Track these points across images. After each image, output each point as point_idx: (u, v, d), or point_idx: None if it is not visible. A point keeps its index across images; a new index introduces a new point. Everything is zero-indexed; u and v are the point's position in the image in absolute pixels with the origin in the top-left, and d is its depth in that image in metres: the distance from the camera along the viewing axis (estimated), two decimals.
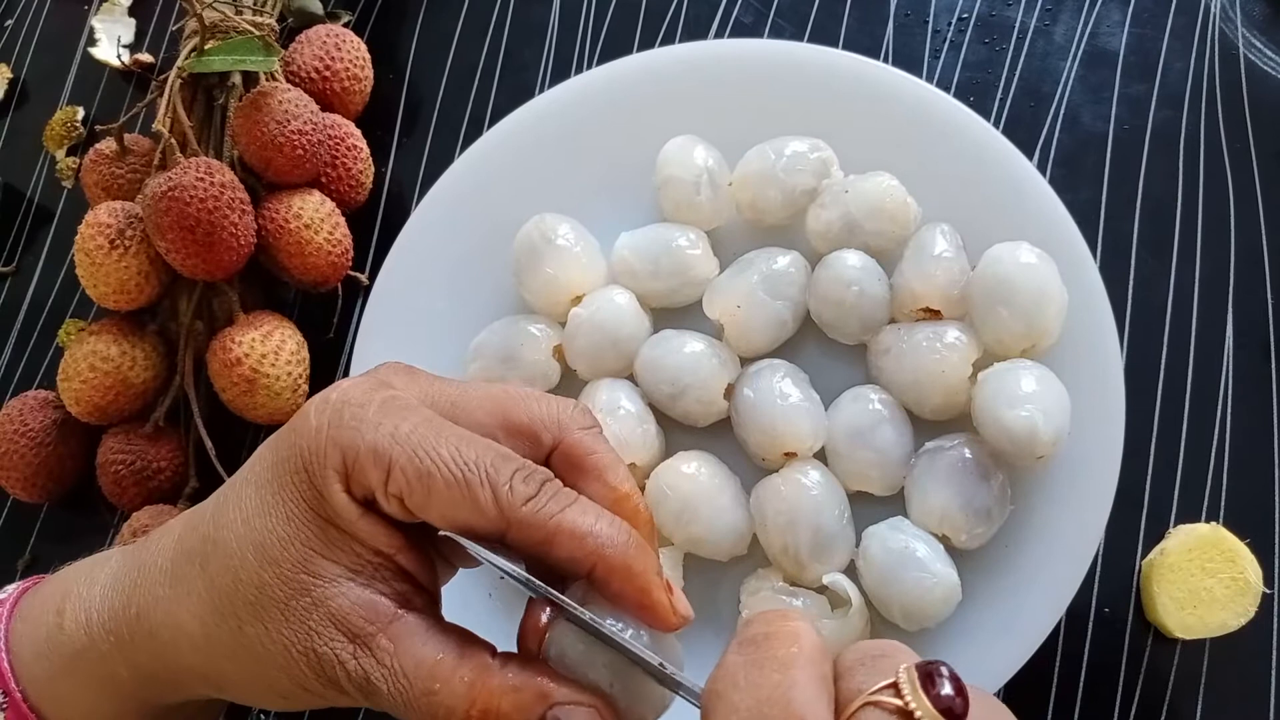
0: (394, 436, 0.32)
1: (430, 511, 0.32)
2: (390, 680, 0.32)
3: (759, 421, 0.45)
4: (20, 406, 0.51)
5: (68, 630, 0.36)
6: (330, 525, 0.33)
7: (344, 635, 0.32)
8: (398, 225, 0.51)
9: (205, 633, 0.33)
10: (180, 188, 0.46)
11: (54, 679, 0.36)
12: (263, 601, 0.32)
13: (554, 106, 0.52)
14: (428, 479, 0.32)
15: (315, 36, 0.54)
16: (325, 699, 0.33)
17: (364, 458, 0.32)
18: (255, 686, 0.34)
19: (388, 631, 0.32)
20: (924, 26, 0.56)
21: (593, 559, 0.32)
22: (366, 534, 0.33)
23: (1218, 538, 0.46)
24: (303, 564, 0.32)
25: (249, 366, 0.48)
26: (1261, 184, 0.52)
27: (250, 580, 0.33)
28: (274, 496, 0.33)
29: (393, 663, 0.32)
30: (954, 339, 0.45)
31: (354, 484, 0.33)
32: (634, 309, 0.48)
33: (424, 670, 0.32)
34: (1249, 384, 0.50)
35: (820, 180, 0.48)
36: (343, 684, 0.32)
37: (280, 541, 0.33)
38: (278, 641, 0.32)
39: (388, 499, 0.32)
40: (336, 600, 0.32)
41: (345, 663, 0.32)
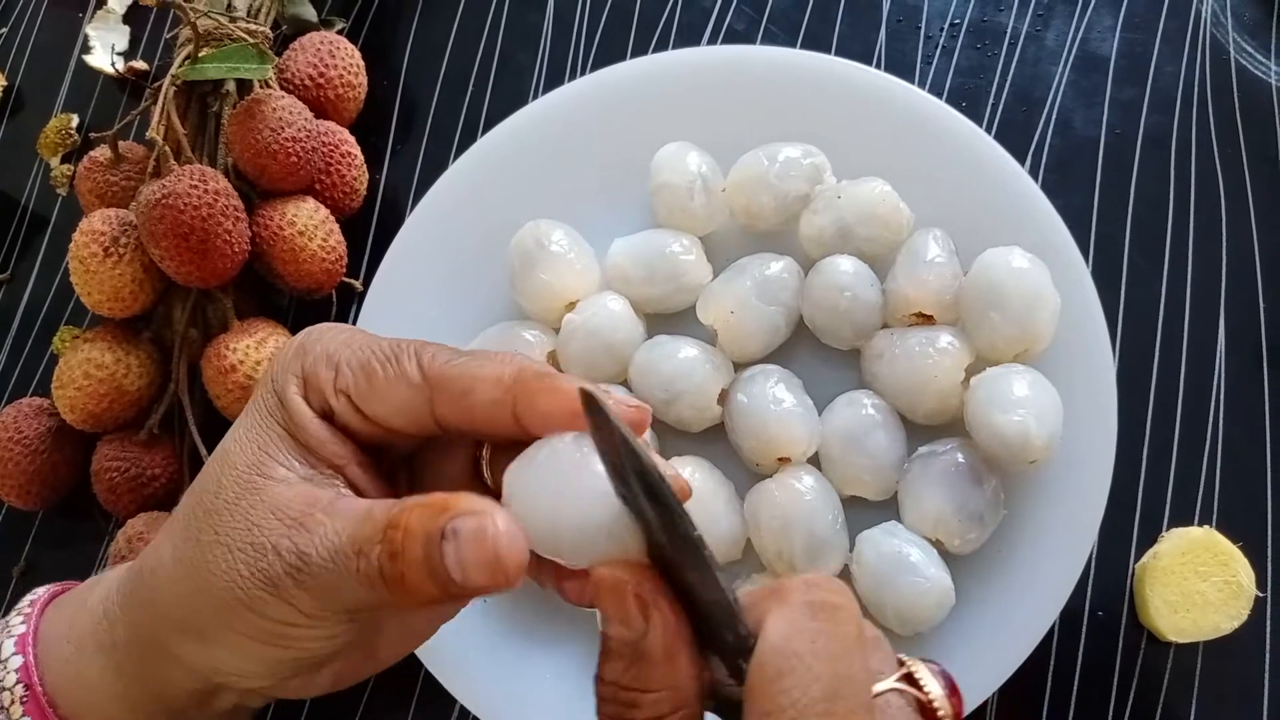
0: (347, 343, 0.35)
1: (372, 399, 0.34)
2: (322, 540, 0.31)
3: (753, 427, 0.45)
4: (15, 414, 0.51)
5: (90, 606, 0.37)
6: (288, 433, 0.34)
7: (281, 521, 0.32)
8: (392, 231, 0.51)
9: (176, 557, 0.34)
10: (174, 195, 0.47)
11: (70, 658, 0.37)
12: (217, 506, 0.33)
13: (548, 113, 0.52)
14: (367, 367, 0.34)
15: (309, 44, 0.54)
16: (263, 617, 0.32)
17: (318, 359, 0.34)
18: (207, 614, 0.33)
19: (325, 509, 0.32)
20: (916, 32, 0.56)
21: (513, 391, 0.32)
22: (317, 439, 0.34)
23: (1211, 541, 0.46)
24: (256, 466, 0.33)
25: (243, 373, 0.48)
26: (1253, 188, 0.52)
27: (211, 488, 0.34)
28: (247, 412, 0.35)
29: (325, 528, 0.31)
30: (947, 344, 0.45)
31: (310, 390, 0.34)
32: (628, 315, 0.48)
33: (355, 517, 0.32)
34: (1241, 387, 0.50)
35: (813, 186, 0.48)
36: (273, 572, 0.31)
37: (240, 447, 0.34)
38: (223, 541, 0.32)
39: (337, 396, 0.34)
40: (281, 492, 0.33)
41: (278, 544, 0.32)
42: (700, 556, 0.28)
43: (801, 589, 0.29)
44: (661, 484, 0.28)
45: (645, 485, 0.28)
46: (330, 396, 0.34)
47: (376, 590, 0.31)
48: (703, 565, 0.28)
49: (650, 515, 0.28)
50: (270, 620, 0.32)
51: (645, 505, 0.28)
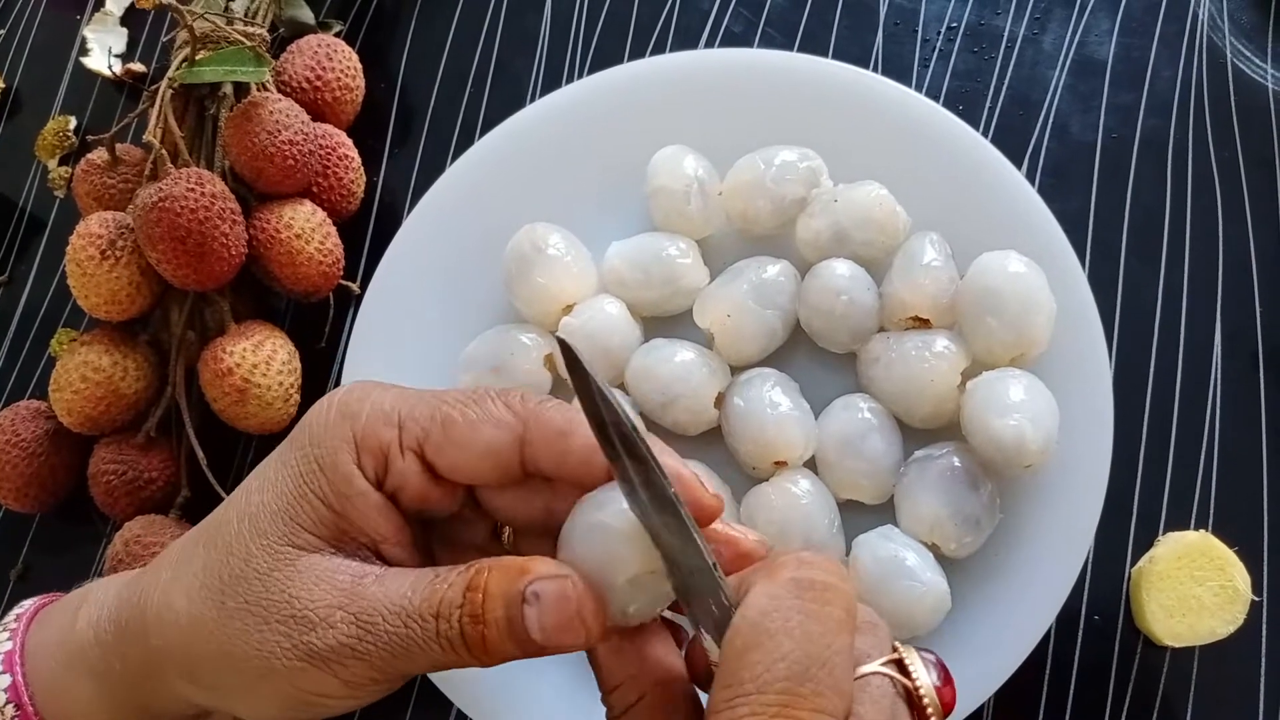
0: (401, 397, 0.34)
1: (448, 450, 0.33)
2: (385, 606, 0.31)
3: (749, 430, 0.46)
4: (12, 417, 0.51)
5: (79, 629, 0.37)
6: (324, 504, 0.33)
7: (328, 591, 0.31)
8: (389, 234, 0.51)
9: (190, 610, 0.33)
10: (171, 198, 0.47)
11: (58, 677, 0.36)
12: (247, 574, 0.32)
13: (545, 116, 0.52)
14: (442, 415, 0.33)
15: (307, 46, 0.54)
16: (298, 688, 0.32)
17: (374, 419, 0.33)
18: (227, 676, 0.33)
19: (379, 578, 0.32)
20: (913, 36, 0.56)
21: None
22: (362, 511, 0.33)
23: (1207, 545, 0.46)
24: (289, 536, 0.32)
25: (240, 376, 0.48)
26: (1249, 192, 0.52)
27: (240, 553, 0.33)
28: (276, 474, 0.34)
29: (386, 593, 0.31)
30: (943, 348, 0.45)
31: (364, 453, 0.33)
32: (625, 318, 0.48)
33: (423, 582, 0.31)
34: (1237, 391, 0.50)
35: (810, 189, 0.48)
36: (325, 646, 0.31)
37: (271, 515, 0.33)
38: (255, 612, 0.32)
39: (403, 454, 0.33)
40: (321, 564, 0.32)
41: (329, 617, 0.31)
42: (680, 519, 0.29)
43: (793, 565, 0.29)
44: (634, 436, 0.28)
45: (622, 439, 0.29)
46: (395, 456, 0.33)
47: (451, 654, 0.31)
48: (683, 529, 0.29)
49: (633, 476, 0.29)
50: (304, 693, 0.32)
51: (627, 465, 0.29)
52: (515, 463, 0.33)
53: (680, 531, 0.29)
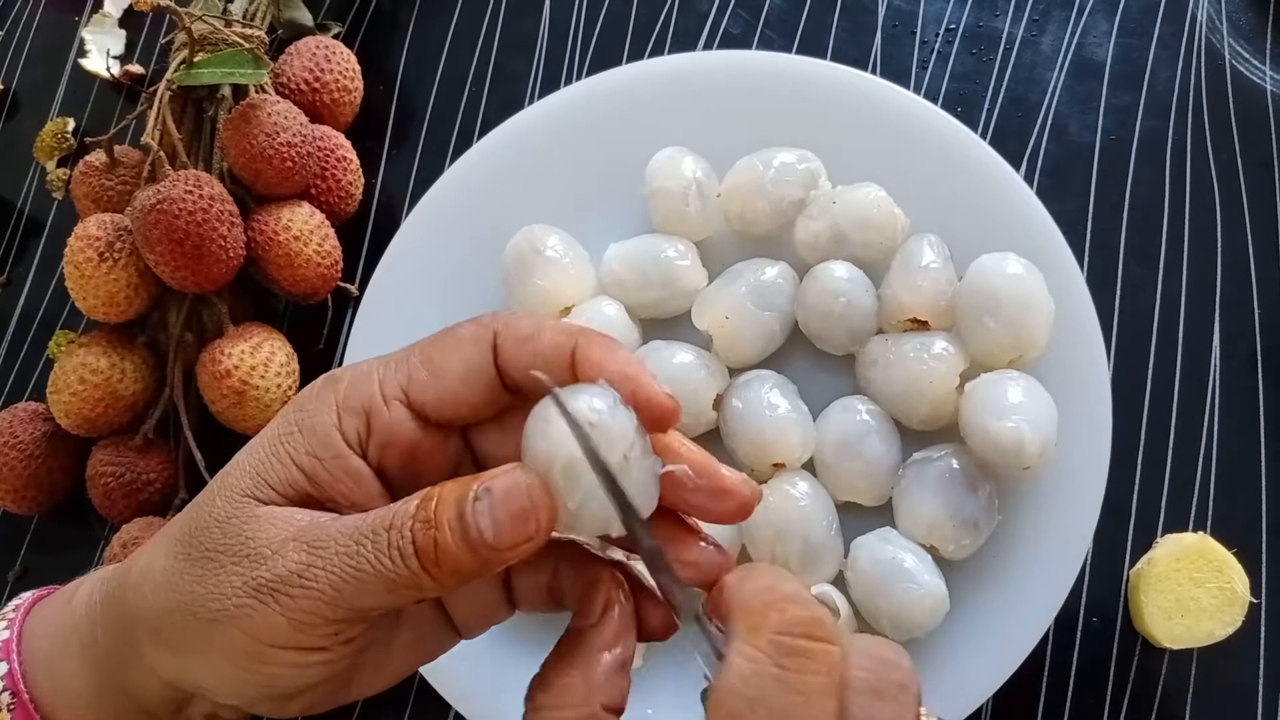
0: (379, 359, 0.35)
1: (431, 384, 0.33)
2: (341, 533, 0.31)
3: (748, 432, 0.45)
4: (10, 419, 0.51)
5: (74, 605, 0.37)
6: (298, 469, 0.33)
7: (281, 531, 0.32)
8: (388, 236, 0.51)
9: (162, 568, 0.34)
10: (169, 200, 0.47)
11: (52, 657, 0.37)
12: (208, 523, 0.33)
13: (543, 118, 0.52)
14: (420, 354, 0.34)
15: (305, 48, 0.54)
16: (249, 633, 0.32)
17: (356, 381, 0.34)
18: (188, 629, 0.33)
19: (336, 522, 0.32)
20: (912, 37, 0.56)
21: (575, 336, 0.33)
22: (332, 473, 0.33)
23: (1205, 547, 0.46)
24: (253, 488, 0.33)
25: (238, 378, 0.48)
26: (1248, 193, 0.52)
27: (205, 505, 0.33)
28: (257, 439, 0.34)
29: (341, 526, 0.31)
30: (941, 350, 0.45)
31: (345, 414, 0.33)
32: (623, 320, 0.48)
33: (379, 512, 0.31)
34: (1236, 394, 0.50)
35: (808, 191, 0.48)
36: (274, 576, 0.31)
37: (241, 471, 0.33)
38: (212, 555, 0.32)
39: (388, 404, 0.33)
40: (279, 511, 0.32)
41: (281, 549, 0.31)
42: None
43: (775, 622, 0.28)
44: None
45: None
46: (379, 409, 0.33)
47: (404, 571, 0.30)
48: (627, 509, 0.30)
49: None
50: (251, 638, 0.32)
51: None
52: (495, 380, 0.33)
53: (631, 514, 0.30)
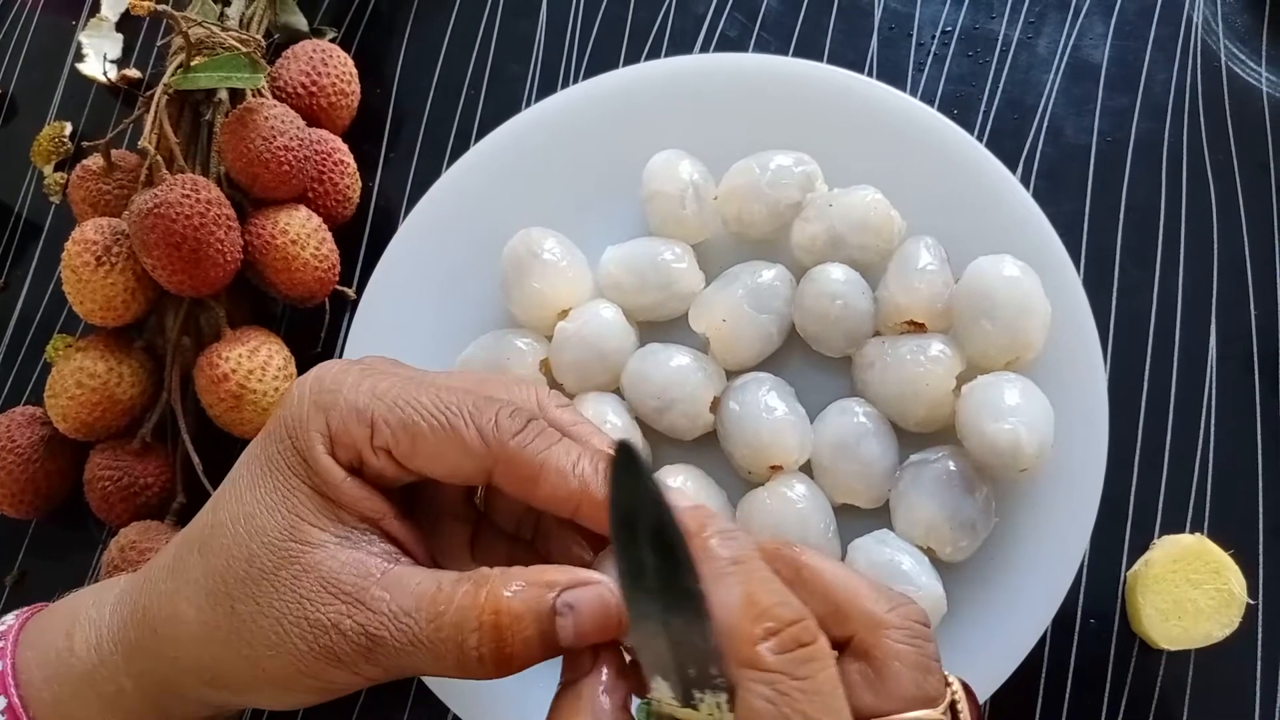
0: (374, 393, 0.33)
1: (418, 459, 0.33)
2: (391, 624, 0.31)
3: (745, 435, 0.46)
4: (8, 422, 0.51)
5: (78, 653, 0.36)
6: (316, 493, 0.33)
7: (335, 597, 0.32)
8: (385, 240, 0.51)
9: (201, 619, 0.33)
10: (166, 204, 0.47)
11: (61, 702, 0.36)
12: (252, 575, 0.32)
13: (540, 121, 0.52)
14: (412, 427, 0.32)
15: (301, 52, 0.54)
16: (323, 682, 0.32)
17: (347, 417, 0.33)
18: (252, 676, 0.33)
19: (380, 583, 0.32)
20: (908, 40, 0.56)
21: (578, 498, 0.32)
22: (351, 497, 0.33)
23: (1202, 549, 0.46)
24: (289, 531, 0.32)
25: (236, 382, 0.48)
26: (1244, 195, 0.52)
27: (241, 554, 0.33)
28: (262, 470, 0.34)
29: (389, 607, 0.31)
30: (938, 352, 0.45)
31: (339, 447, 0.33)
32: (620, 323, 0.48)
33: (425, 600, 0.31)
34: (1232, 395, 0.50)
35: (805, 194, 0.48)
36: (340, 650, 0.31)
37: (267, 510, 0.33)
38: (269, 614, 0.32)
39: (375, 453, 0.33)
40: (326, 563, 0.32)
41: (339, 623, 0.31)
42: (697, 609, 0.28)
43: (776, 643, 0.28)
44: (679, 541, 0.28)
45: (658, 540, 0.28)
46: (368, 455, 0.33)
47: (464, 671, 0.31)
48: (699, 617, 0.28)
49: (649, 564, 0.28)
50: (328, 683, 0.33)
51: (648, 555, 0.28)
52: (483, 479, 0.34)
53: (693, 618, 0.28)
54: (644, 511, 0.28)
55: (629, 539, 0.28)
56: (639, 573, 0.29)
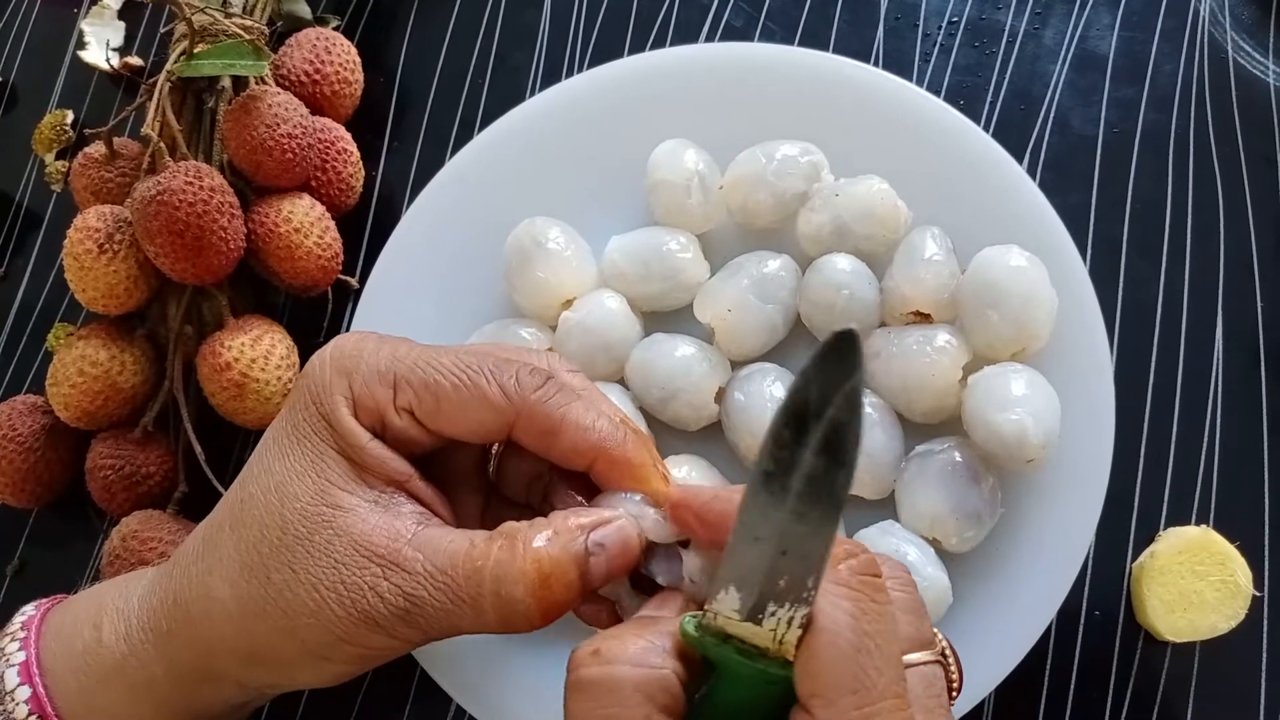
0: (394, 356, 0.34)
1: (441, 418, 0.34)
2: (428, 583, 0.32)
3: (750, 425, 0.45)
4: (9, 411, 0.51)
5: (106, 643, 0.36)
6: (343, 457, 0.33)
7: (370, 560, 0.32)
8: (388, 229, 0.51)
9: (235, 594, 0.33)
10: (169, 192, 0.46)
11: (89, 692, 0.36)
12: (286, 542, 0.33)
13: (544, 110, 0.52)
14: (435, 387, 0.33)
15: (305, 40, 0.54)
16: (361, 648, 0.33)
17: (369, 379, 0.34)
18: (290, 649, 0.33)
19: (413, 543, 0.32)
20: (914, 30, 0.56)
21: (595, 451, 0.34)
22: (376, 459, 0.33)
23: (1208, 540, 0.46)
24: (320, 496, 0.33)
25: (239, 371, 0.48)
26: (1250, 188, 0.52)
27: (274, 523, 0.33)
28: (289, 439, 0.34)
29: (424, 566, 0.32)
30: (944, 342, 0.45)
31: (361, 410, 0.34)
32: (625, 313, 0.48)
33: (460, 557, 0.32)
34: (1238, 387, 0.50)
35: (811, 184, 0.48)
36: (377, 613, 0.32)
37: (297, 477, 0.33)
38: (305, 582, 0.32)
39: (398, 414, 0.34)
40: (357, 526, 0.32)
41: (376, 586, 0.32)
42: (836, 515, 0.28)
43: (856, 564, 0.29)
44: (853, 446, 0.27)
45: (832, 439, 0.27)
46: (391, 416, 0.34)
47: (508, 625, 0.32)
48: (831, 523, 0.28)
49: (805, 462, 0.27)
50: (367, 649, 0.33)
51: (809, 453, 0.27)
52: (503, 435, 0.34)
53: (822, 528, 0.28)
54: (831, 406, 0.26)
55: (793, 433, 0.27)
56: (785, 470, 0.27)
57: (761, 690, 0.30)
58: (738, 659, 0.30)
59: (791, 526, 0.28)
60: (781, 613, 0.29)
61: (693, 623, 0.30)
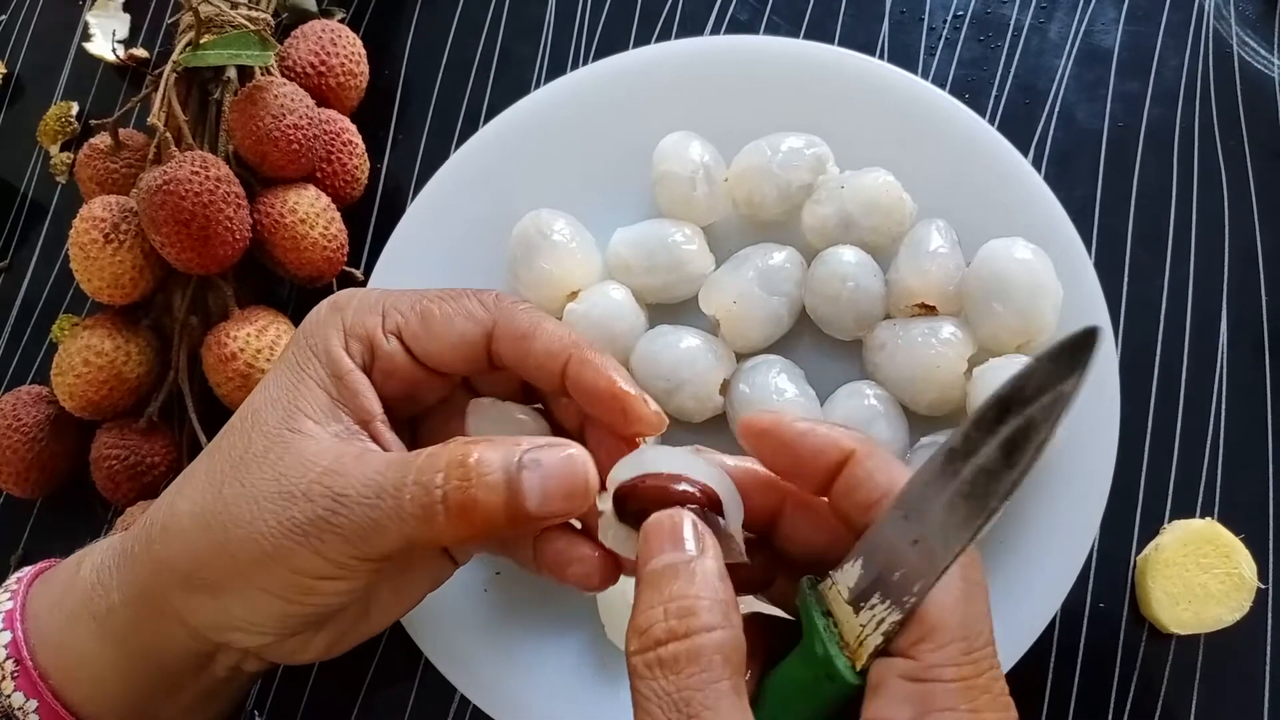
0: (388, 293, 0.37)
1: (425, 337, 0.35)
2: (359, 481, 0.32)
3: None
4: (13, 401, 0.51)
5: (83, 574, 0.37)
6: (322, 390, 0.35)
7: (309, 470, 0.33)
8: (393, 221, 0.51)
9: (191, 509, 0.34)
10: (175, 181, 0.46)
11: (61, 630, 0.37)
12: (245, 459, 0.34)
13: (549, 102, 0.52)
14: (421, 309, 0.36)
15: (311, 31, 0.54)
16: (289, 568, 0.33)
17: (360, 310, 0.36)
18: (224, 567, 0.33)
19: (356, 458, 0.33)
20: (919, 24, 0.56)
21: (569, 350, 0.35)
22: (352, 389, 0.35)
23: (1213, 533, 0.46)
24: (286, 420, 0.34)
25: (244, 361, 0.48)
26: (1255, 182, 0.52)
27: (239, 443, 0.34)
28: (275, 374, 0.36)
29: (360, 469, 0.33)
30: (949, 335, 0.45)
31: (352, 339, 0.35)
32: (630, 304, 0.48)
33: (394, 459, 0.33)
34: (1243, 380, 0.50)
35: (816, 176, 0.48)
36: (303, 518, 0.32)
37: (271, 404, 0.35)
38: (249, 495, 0.33)
39: (386, 337, 0.35)
40: (310, 447, 0.33)
41: (307, 491, 0.32)
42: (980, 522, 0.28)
43: (958, 645, 0.29)
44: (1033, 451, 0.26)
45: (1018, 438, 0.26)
46: (380, 340, 0.35)
47: (427, 525, 0.32)
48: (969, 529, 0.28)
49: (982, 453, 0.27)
50: (294, 574, 0.33)
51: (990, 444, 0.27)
52: (484, 355, 0.36)
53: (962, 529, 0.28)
54: (1035, 404, 0.25)
55: (991, 419, 0.26)
56: (967, 452, 0.27)
57: (821, 680, 0.30)
58: (824, 635, 0.30)
59: (939, 514, 0.27)
60: (879, 609, 0.29)
61: (809, 584, 0.31)
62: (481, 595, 0.47)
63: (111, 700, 0.37)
